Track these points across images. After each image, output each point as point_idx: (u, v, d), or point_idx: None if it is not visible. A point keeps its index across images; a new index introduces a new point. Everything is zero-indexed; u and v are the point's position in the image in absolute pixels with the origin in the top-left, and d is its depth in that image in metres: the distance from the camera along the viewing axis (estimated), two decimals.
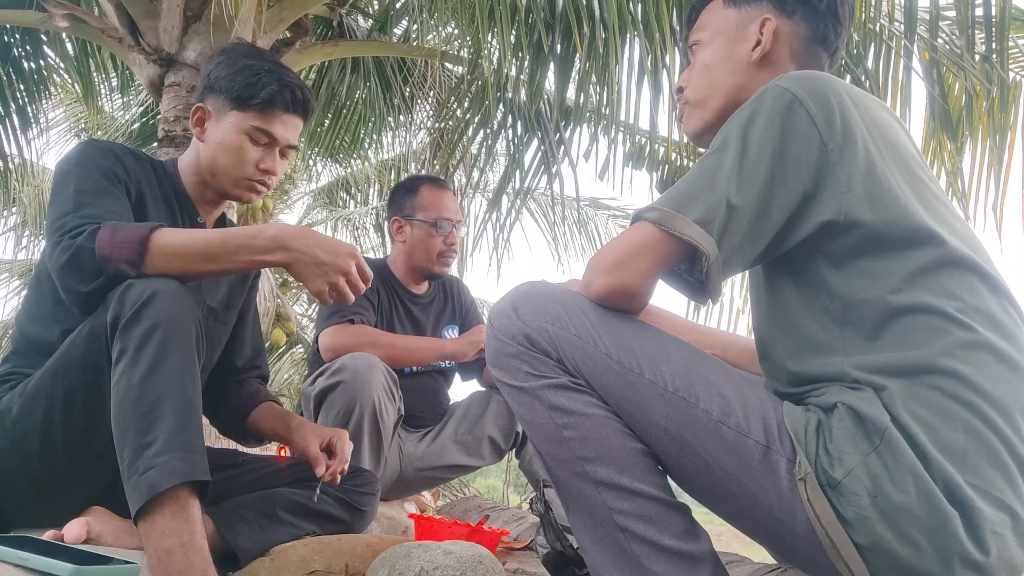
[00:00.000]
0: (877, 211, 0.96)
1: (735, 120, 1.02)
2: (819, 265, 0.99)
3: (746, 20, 1.18)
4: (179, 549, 1.08)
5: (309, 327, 6.15)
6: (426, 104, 5.13)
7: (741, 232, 0.97)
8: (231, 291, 1.65)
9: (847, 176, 0.97)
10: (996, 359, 0.92)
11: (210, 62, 1.56)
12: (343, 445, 1.58)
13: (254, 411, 1.66)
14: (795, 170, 0.97)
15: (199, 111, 1.53)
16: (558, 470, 1.02)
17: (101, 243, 1.23)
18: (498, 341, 1.05)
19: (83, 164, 1.38)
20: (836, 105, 0.99)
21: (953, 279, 0.95)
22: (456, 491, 4.55)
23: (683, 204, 0.97)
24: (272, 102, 1.49)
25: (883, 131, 1.02)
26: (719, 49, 1.19)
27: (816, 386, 0.99)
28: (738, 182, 0.97)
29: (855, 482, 0.88)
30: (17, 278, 7.11)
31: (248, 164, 1.51)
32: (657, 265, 1.00)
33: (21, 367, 1.36)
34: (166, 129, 3.01)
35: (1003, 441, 0.89)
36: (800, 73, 1.03)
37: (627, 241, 1.00)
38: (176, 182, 1.56)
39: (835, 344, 0.97)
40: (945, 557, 0.86)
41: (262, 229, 1.33)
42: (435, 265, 2.41)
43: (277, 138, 1.52)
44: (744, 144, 0.98)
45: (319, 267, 1.31)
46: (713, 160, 1.00)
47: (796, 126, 0.98)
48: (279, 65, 1.55)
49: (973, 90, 3.08)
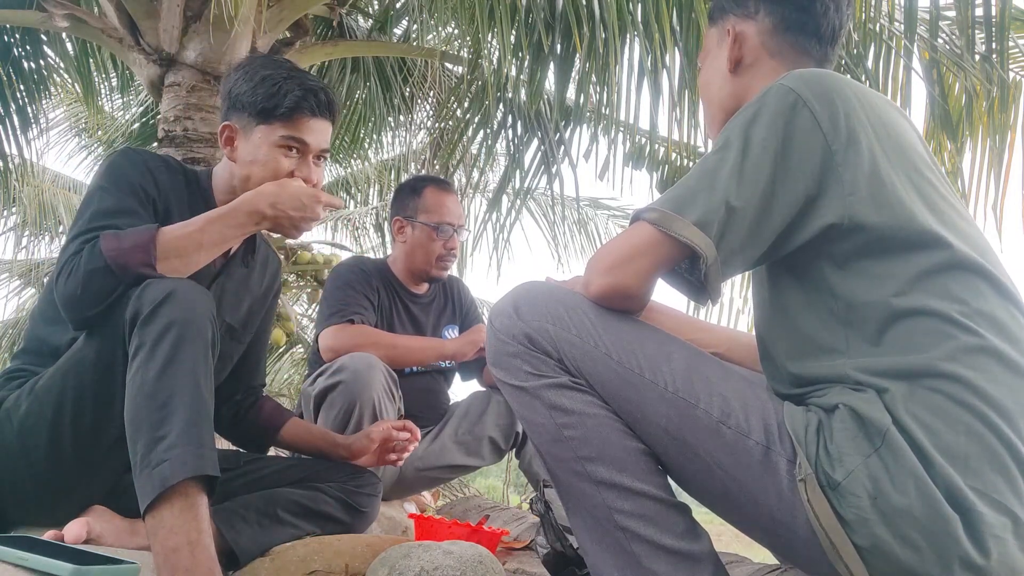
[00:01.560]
0: (882, 214, 0.95)
1: (737, 120, 1.01)
2: (822, 267, 0.98)
3: (720, 34, 1.23)
4: (186, 547, 1.08)
5: (309, 327, 6.14)
6: (426, 104, 5.13)
7: (741, 234, 0.96)
8: (251, 310, 1.65)
9: (851, 178, 0.96)
10: (1000, 363, 0.91)
11: (228, 80, 1.53)
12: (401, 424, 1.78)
13: (285, 425, 1.72)
14: (798, 171, 0.96)
15: (227, 130, 1.50)
16: (558, 470, 1.02)
17: (110, 254, 1.24)
18: (499, 341, 1.05)
19: (113, 179, 1.39)
20: (841, 105, 0.98)
21: (958, 282, 0.94)
22: (456, 491, 4.55)
23: (682, 205, 0.97)
24: (297, 109, 1.46)
25: (890, 131, 1.01)
26: (708, 67, 1.26)
27: (818, 387, 0.99)
28: (738, 183, 0.96)
29: (855, 484, 0.88)
30: (17, 278, 7.11)
31: (284, 176, 1.47)
32: (655, 266, 0.99)
33: (30, 365, 1.37)
34: (166, 129, 3.01)
35: (1006, 445, 0.88)
36: (805, 72, 1.02)
37: (626, 242, 1.00)
38: (208, 196, 1.53)
39: (838, 346, 0.97)
40: (945, 560, 0.85)
41: (237, 206, 1.39)
42: (433, 268, 2.40)
43: (309, 144, 1.48)
44: (746, 144, 0.98)
45: (292, 222, 1.43)
46: (714, 160, 0.99)
47: (799, 126, 0.97)
48: (298, 70, 1.52)
49: (973, 90, 3.08)
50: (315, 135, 1.49)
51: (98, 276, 1.24)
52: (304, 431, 1.75)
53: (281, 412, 1.73)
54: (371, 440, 1.72)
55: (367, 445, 1.71)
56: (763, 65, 1.18)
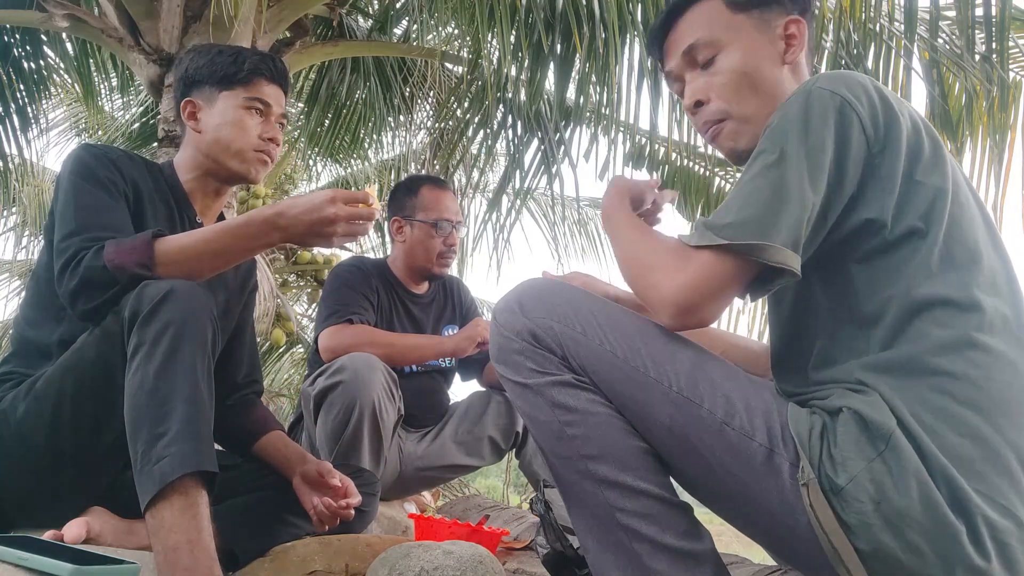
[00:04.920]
0: (913, 210, 0.96)
1: (785, 128, 0.98)
2: (849, 266, 0.98)
3: (762, 26, 1.13)
4: (186, 546, 1.08)
5: (309, 327, 6.14)
6: (426, 104, 5.13)
7: (809, 241, 0.96)
8: (228, 300, 1.65)
9: (888, 176, 0.96)
10: (1006, 362, 0.91)
11: (181, 64, 1.62)
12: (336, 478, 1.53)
13: (263, 438, 1.64)
14: (850, 173, 0.96)
15: (188, 105, 1.57)
16: (561, 467, 1.01)
17: (109, 256, 1.26)
18: (503, 337, 1.04)
19: (83, 175, 1.39)
20: (879, 105, 0.98)
21: (968, 276, 0.95)
22: (456, 491, 4.55)
23: (765, 229, 0.93)
24: (257, 71, 1.56)
25: (916, 128, 1.01)
26: (750, 55, 1.11)
27: (824, 386, 0.99)
28: (813, 190, 0.94)
29: (858, 488, 0.88)
30: (17, 278, 7.10)
31: (252, 135, 1.55)
32: (740, 294, 0.99)
33: (21, 368, 1.37)
34: (166, 129, 3.01)
35: (1011, 448, 0.88)
36: (837, 74, 1.01)
37: (708, 275, 0.95)
38: (174, 183, 1.57)
39: (858, 346, 0.97)
40: (948, 563, 0.85)
41: (252, 216, 1.34)
42: (434, 266, 2.40)
43: (271, 106, 1.58)
44: (807, 154, 0.95)
45: (311, 230, 1.32)
46: (777, 176, 0.95)
47: (848, 127, 0.96)
48: (251, 48, 1.64)
49: (973, 90, 3.08)
50: (274, 99, 1.59)
51: (95, 274, 1.25)
52: (279, 445, 1.63)
53: (266, 422, 1.67)
54: (320, 474, 1.55)
55: (316, 479, 1.55)
56: (802, 66, 1.16)
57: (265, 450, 1.63)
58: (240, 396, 1.68)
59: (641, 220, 1.17)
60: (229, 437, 1.65)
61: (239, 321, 1.70)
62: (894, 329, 0.94)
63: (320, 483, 1.53)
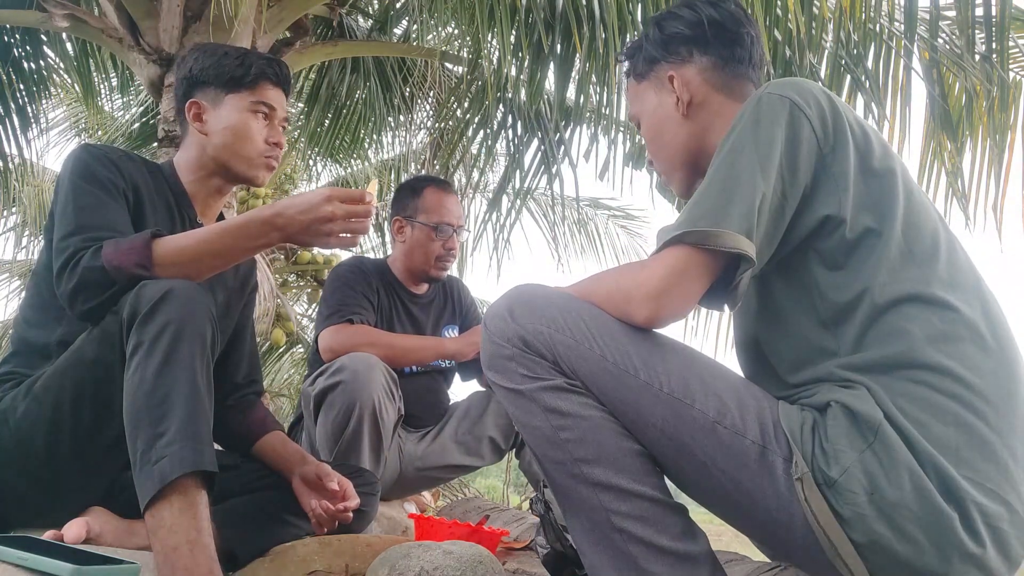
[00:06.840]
0: (867, 209, 0.99)
1: (738, 131, 1.02)
2: (812, 267, 1.01)
3: (658, 85, 1.24)
4: (185, 546, 1.08)
5: (309, 327, 6.14)
6: (426, 104, 5.13)
7: (768, 228, 0.99)
8: (228, 300, 1.65)
9: (841, 174, 1.00)
10: (981, 351, 0.94)
11: (184, 63, 1.62)
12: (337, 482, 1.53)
13: (263, 439, 1.64)
14: (801, 168, 1.00)
15: (193, 106, 1.57)
16: (555, 472, 1.02)
17: (107, 256, 1.26)
18: (493, 344, 1.05)
19: (83, 175, 1.39)
20: (828, 108, 1.02)
21: (929, 271, 0.97)
22: (456, 491, 4.55)
23: (719, 218, 0.96)
24: (263, 75, 1.57)
25: (865, 130, 1.05)
26: (653, 120, 1.25)
27: (807, 387, 1.00)
28: (764, 179, 0.98)
29: (851, 480, 0.89)
30: (17, 278, 7.10)
31: (258, 140, 1.56)
32: (704, 285, 0.99)
33: (21, 368, 1.37)
34: (166, 129, 3.01)
35: (995, 433, 0.90)
36: (786, 80, 1.06)
37: (667, 266, 0.98)
38: (174, 183, 1.57)
39: (829, 346, 0.99)
40: (943, 552, 0.86)
41: (250, 217, 1.34)
42: (432, 268, 2.40)
43: (276, 109, 1.59)
44: (757, 145, 0.99)
45: (308, 228, 1.32)
46: (727, 170, 1.00)
47: (798, 127, 1.00)
48: (253, 50, 1.65)
49: (973, 90, 3.08)
50: (278, 103, 1.60)
51: (94, 274, 1.25)
52: (279, 446, 1.64)
53: (266, 423, 1.67)
54: (319, 476, 1.55)
55: (315, 482, 1.55)
56: (713, 101, 1.20)
57: (264, 451, 1.63)
58: (240, 396, 1.68)
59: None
60: (229, 437, 1.65)
61: (239, 321, 1.70)
62: (863, 327, 0.97)
63: (318, 485, 1.53)
